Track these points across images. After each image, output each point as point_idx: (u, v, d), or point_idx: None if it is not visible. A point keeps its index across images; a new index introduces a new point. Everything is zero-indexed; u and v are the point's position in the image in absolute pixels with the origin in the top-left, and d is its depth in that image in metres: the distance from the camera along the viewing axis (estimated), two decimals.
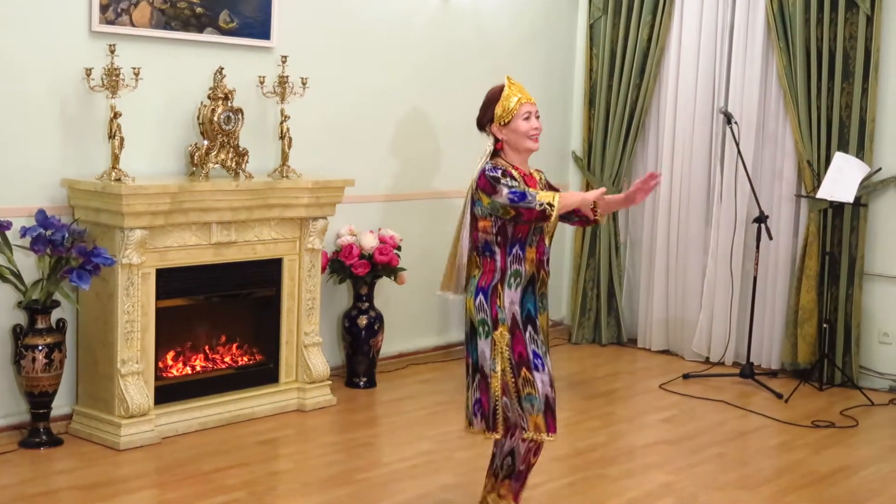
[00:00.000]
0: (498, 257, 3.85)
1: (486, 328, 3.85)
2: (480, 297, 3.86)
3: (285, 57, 5.58)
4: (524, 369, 3.83)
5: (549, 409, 3.87)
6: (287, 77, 5.58)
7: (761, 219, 6.41)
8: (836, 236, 6.51)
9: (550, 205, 3.72)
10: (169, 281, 5.16)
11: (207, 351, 5.52)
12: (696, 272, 7.10)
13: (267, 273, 5.58)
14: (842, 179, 6.22)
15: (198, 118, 5.33)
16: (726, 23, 6.88)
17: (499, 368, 3.84)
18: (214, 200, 5.17)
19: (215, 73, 5.32)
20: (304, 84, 5.65)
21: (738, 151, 6.52)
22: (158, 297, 5.11)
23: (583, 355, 7.17)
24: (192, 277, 5.27)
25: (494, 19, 6.99)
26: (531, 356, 3.84)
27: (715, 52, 6.93)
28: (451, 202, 6.58)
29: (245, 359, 5.64)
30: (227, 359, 5.58)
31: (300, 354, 5.69)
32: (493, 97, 3.93)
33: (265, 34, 5.67)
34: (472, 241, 3.91)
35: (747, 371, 6.49)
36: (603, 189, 4.02)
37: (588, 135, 7.47)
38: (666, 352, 7.27)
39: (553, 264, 7.73)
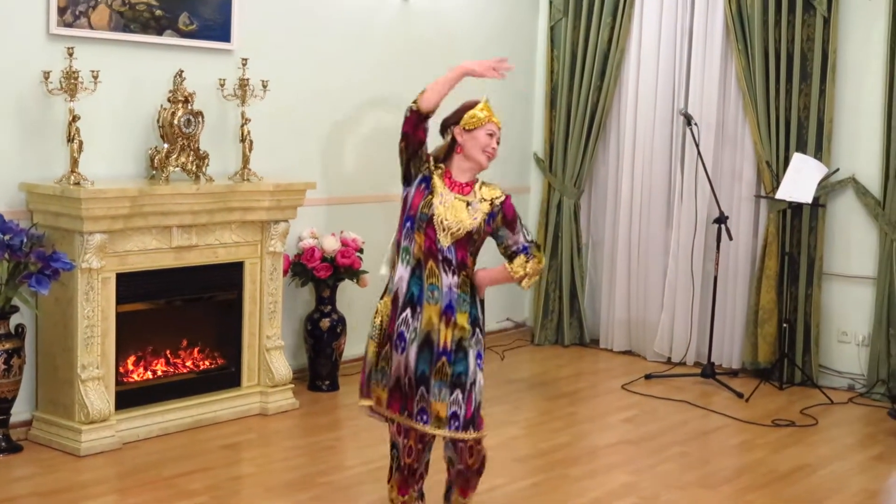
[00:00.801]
0: (401, 231, 4.00)
1: (381, 295, 4.04)
2: (386, 266, 4.08)
3: (245, 59, 5.59)
4: (389, 344, 3.96)
5: (399, 392, 3.95)
6: (247, 79, 5.59)
7: (721, 219, 6.49)
8: (794, 236, 6.60)
9: (415, 101, 3.95)
10: (129, 285, 5.15)
11: (169, 355, 5.51)
12: (657, 273, 7.17)
13: (228, 277, 5.59)
14: (800, 180, 6.31)
15: (158, 121, 5.33)
16: (685, 25, 6.96)
17: (375, 335, 3.99)
18: (175, 204, 5.17)
19: (175, 76, 5.33)
20: (264, 86, 5.67)
21: (698, 153, 6.60)
22: (119, 301, 5.11)
23: (545, 356, 7.22)
24: (152, 281, 5.27)
25: (455, 20, 7.04)
26: (396, 335, 3.93)
27: (674, 54, 7.02)
28: None
29: (207, 363, 5.64)
30: (189, 363, 5.57)
31: (262, 358, 5.70)
32: (468, 105, 4.10)
33: (225, 36, 5.68)
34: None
35: (708, 371, 6.56)
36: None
37: (549, 136, 7.53)
38: (628, 352, 7.34)
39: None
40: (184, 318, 5.60)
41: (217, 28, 5.63)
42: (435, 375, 3.92)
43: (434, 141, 4.05)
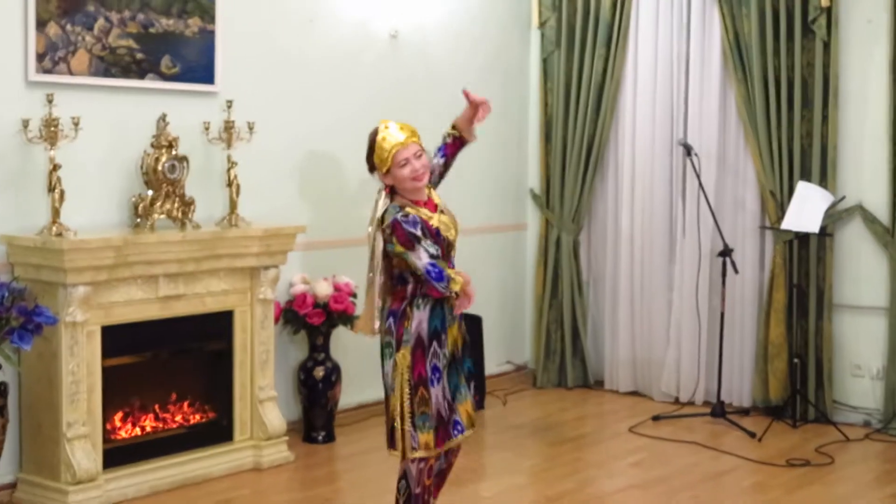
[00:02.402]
0: (410, 284, 4.09)
1: (390, 350, 4.08)
2: (390, 320, 4.11)
3: (230, 101, 5.61)
4: (422, 388, 4.05)
5: (441, 424, 4.09)
6: (233, 122, 5.61)
7: (726, 252, 6.49)
8: (802, 267, 6.60)
9: (455, 292, 4.02)
10: (115, 338, 5.13)
11: (157, 410, 5.49)
12: (661, 309, 7.16)
13: (217, 326, 5.57)
14: (806, 209, 6.32)
15: (141, 167, 5.34)
16: (682, 54, 7.00)
17: (397, 389, 4.06)
18: (160, 252, 5.17)
19: (158, 121, 5.34)
20: (250, 129, 5.68)
21: (700, 184, 6.61)
22: (104, 355, 5.09)
23: (548, 399, 7.20)
24: (139, 334, 5.25)
25: (445, 56, 7.07)
26: (430, 372, 4.05)
27: (672, 84, 7.05)
28: None
29: (197, 417, 5.61)
30: (179, 417, 5.55)
31: (255, 410, 5.67)
32: (370, 147, 4.14)
33: (209, 78, 5.70)
34: (388, 275, 4.13)
35: (718, 410, 6.54)
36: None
37: (546, 171, 7.54)
38: (634, 393, 7.31)
39: (514, 308, 7.85)
40: (172, 370, 5.57)
41: (200, 70, 5.65)
42: (462, 382, 4.19)
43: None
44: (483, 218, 7.44)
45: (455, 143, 4.58)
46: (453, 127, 4.57)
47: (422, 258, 3.99)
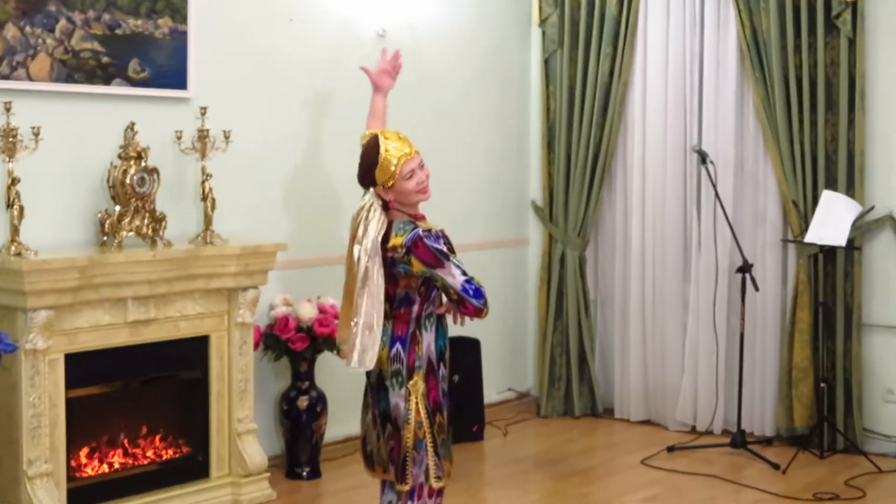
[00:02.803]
0: (416, 306, 4.08)
1: (400, 379, 4.05)
2: (397, 346, 4.06)
3: (204, 108, 5.63)
4: (438, 415, 4.09)
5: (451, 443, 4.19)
6: (207, 131, 5.63)
7: (745, 268, 6.51)
8: (829, 284, 6.62)
9: (486, 313, 4.08)
10: (80, 367, 5.13)
11: (127, 445, 5.49)
12: (675, 331, 7.18)
13: (192, 353, 5.58)
14: (832, 221, 6.33)
15: (108, 181, 5.36)
16: (695, 52, 7.03)
17: (412, 420, 4.04)
18: (129, 273, 5.18)
19: (126, 130, 5.36)
20: (226, 138, 5.70)
21: (716, 194, 6.64)
22: (69, 385, 5.09)
23: (554, 430, 7.20)
24: (106, 362, 5.25)
25: (437, 57, 7.11)
26: (441, 398, 4.12)
27: (684, 86, 7.08)
28: None
29: (170, 452, 5.61)
30: (150, 453, 5.55)
31: (233, 444, 5.68)
32: (371, 161, 4.07)
33: (181, 83, 5.72)
34: (389, 297, 4.07)
35: (739, 440, 6.55)
36: None
37: (548, 182, 7.57)
38: (647, 422, 7.33)
39: (516, 330, 7.85)
40: (142, 401, 5.58)
41: (171, 75, 5.68)
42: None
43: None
44: (480, 233, 7.46)
45: None
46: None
47: (456, 276, 3.99)
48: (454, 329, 6.44)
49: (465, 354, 6.98)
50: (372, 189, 4.09)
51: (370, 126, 4.81)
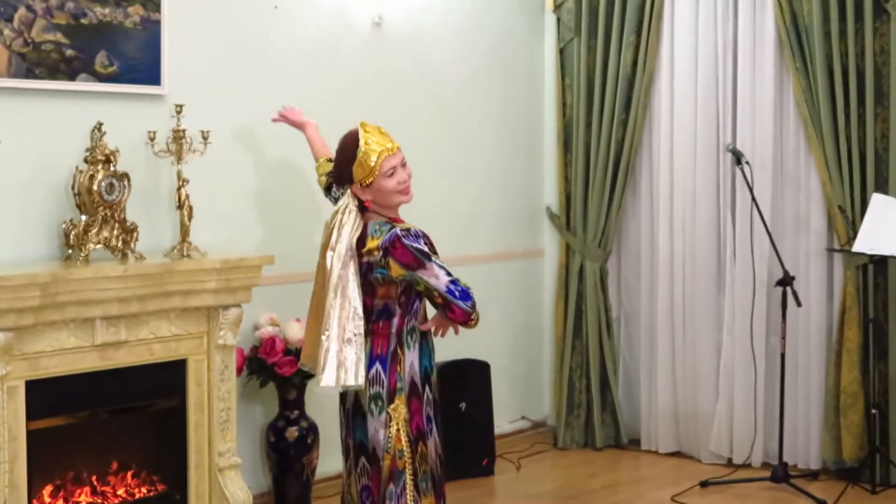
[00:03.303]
0: (396, 319, 4.13)
1: (380, 403, 4.10)
2: (377, 366, 4.11)
3: (180, 106, 5.64)
4: (421, 444, 4.12)
5: (438, 487, 4.19)
6: (183, 131, 5.64)
7: (786, 281, 6.51)
8: (879, 298, 6.62)
9: (475, 320, 4.06)
10: (43, 395, 5.13)
11: (95, 482, 5.49)
12: (708, 352, 7.18)
13: (168, 379, 5.58)
14: (883, 227, 6.32)
15: (73, 188, 5.37)
16: (728, 40, 7.04)
17: (392, 448, 4.09)
18: (97, 290, 5.18)
19: (93, 130, 5.37)
20: (205, 139, 5.71)
21: (753, 198, 6.64)
22: (30, 416, 5.08)
23: (573, 463, 7.22)
24: (72, 389, 5.25)
25: (438, 47, 7.13)
26: (425, 423, 4.13)
27: (716, 77, 7.09)
28: None
29: (143, 490, 5.61)
30: (121, 491, 5.55)
31: (214, 481, 5.68)
32: (349, 155, 4.16)
33: (154, 79, 5.73)
34: (366, 310, 4.13)
35: (780, 474, 6.55)
36: None
37: (565, 185, 7.59)
38: (677, 454, 7.34)
39: (529, 351, 7.85)
40: (113, 433, 5.57)
41: (143, 69, 5.68)
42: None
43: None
44: (488, 243, 7.48)
45: None
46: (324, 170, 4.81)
47: (439, 276, 4.02)
48: (458, 350, 6.47)
49: (474, 379, 6.99)
50: (349, 188, 4.17)
51: (320, 156, 4.99)
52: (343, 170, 4.19)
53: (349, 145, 4.19)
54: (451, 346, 7.00)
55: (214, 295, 5.60)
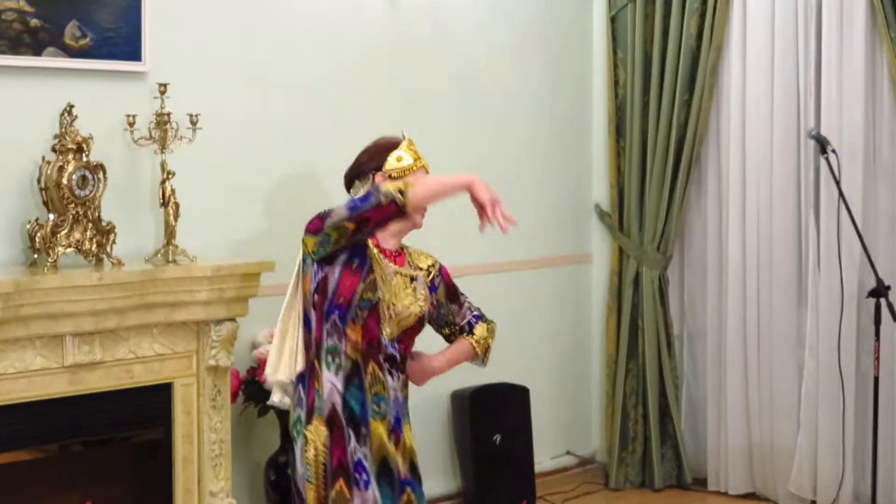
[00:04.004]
0: (314, 324, 4.33)
1: (300, 426, 4.31)
2: (299, 387, 4.38)
3: (164, 86, 5.65)
4: (340, 481, 4.22)
5: None
6: (168, 115, 5.64)
7: (880, 291, 6.49)
8: None
9: (401, 191, 4.12)
10: (4, 424, 5.14)
11: None
12: (788, 375, 7.16)
13: (150, 406, 5.60)
14: None
15: (38, 181, 5.38)
16: (811, 8, 7.00)
17: (314, 477, 4.25)
18: (68, 302, 5.19)
19: (62, 114, 5.38)
20: (193, 124, 5.72)
21: (840, 194, 6.62)
22: None
23: None
24: (38, 418, 5.26)
25: (465, 20, 7.13)
26: (352, 466, 4.23)
27: (797, 51, 7.06)
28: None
29: None
30: None
31: None
32: (386, 144, 4.48)
33: (134, 53, 5.74)
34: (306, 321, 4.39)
35: None
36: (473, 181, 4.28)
37: (617, 179, 7.58)
38: (751, 495, 7.33)
39: (576, 375, 7.84)
40: (86, 470, 5.58)
41: (121, 42, 5.69)
42: None
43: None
44: (527, 248, 7.48)
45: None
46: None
47: (339, 210, 4.22)
48: (493, 373, 6.45)
49: (510, 407, 6.99)
50: (369, 177, 4.45)
51: None
52: (378, 156, 4.46)
53: (390, 140, 4.49)
54: (485, 369, 7.04)
55: (205, 307, 5.61)
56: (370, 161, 4.49)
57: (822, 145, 6.61)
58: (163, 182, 5.67)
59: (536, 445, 7.19)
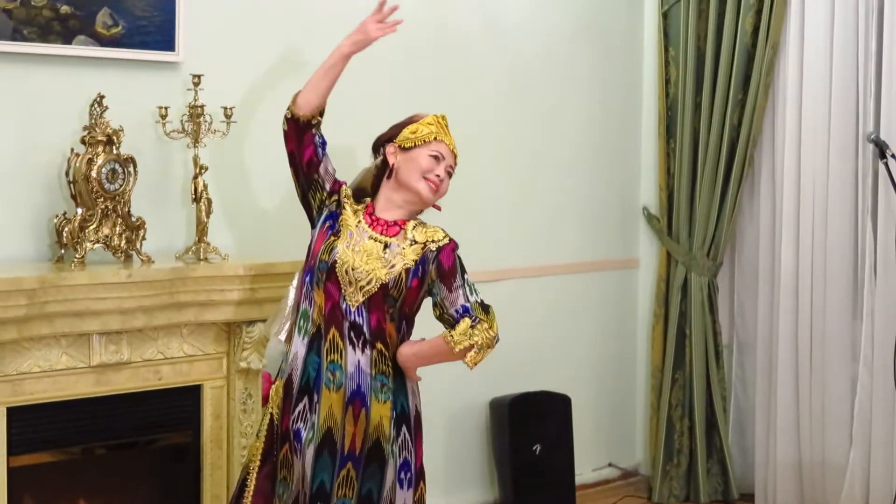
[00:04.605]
0: (295, 288, 4.66)
1: (275, 376, 4.64)
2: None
3: (198, 77, 5.64)
4: (286, 447, 4.46)
5: None
6: (202, 107, 5.64)
7: None
8: None
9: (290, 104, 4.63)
10: (27, 426, 5.15)
11: None
12: (840, 388, 7.12)
13: (178, 408, 5.60)
14: None
15: (67, 174, 5.38)
16: (872, 6, 6.96)
17: (264, 431, 4.55)
18: (95, 300, 5.18)
19: (92, 105, 5.37)
20: (227, 117, 5.71)
21: None
22: (11, 450, 5.10)
23: None
24: (63, 420, 5.26)
25: (513, 15, 7.12)
26: (293, 434, 4.45)
27: (857, 50, 7.01)
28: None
29: None
30: None
31: None
32: (412, 118, 4.67)
33: (167, 43, 5.73)
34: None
35: None
36: None
37: (666, 181, 7.55)
38: None
39: (619, 384, 7.81)
40: (111, 473, 5.59)
41: (154, 31, 5.69)
42: (337, 490, 4.39)
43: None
44: (572, 251, 7.46)
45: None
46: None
47: None
48: (534, 381, 6.43)
49: (551, 416, 6.98)
50: (381, 150, 4.70)
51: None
52: (396, 128, 4.67)
53: (419, 115, 4.67)
54: (525, 377, 7.00)
55: (236, 308, 5.59)
56: (387, 133, 4.71)
57: (881, 149, 6.58)
58: (195, 177, 5.65)
59: (578, 456, 7.16)
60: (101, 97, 5.38)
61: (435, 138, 4.59)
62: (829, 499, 7.15)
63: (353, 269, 4.45)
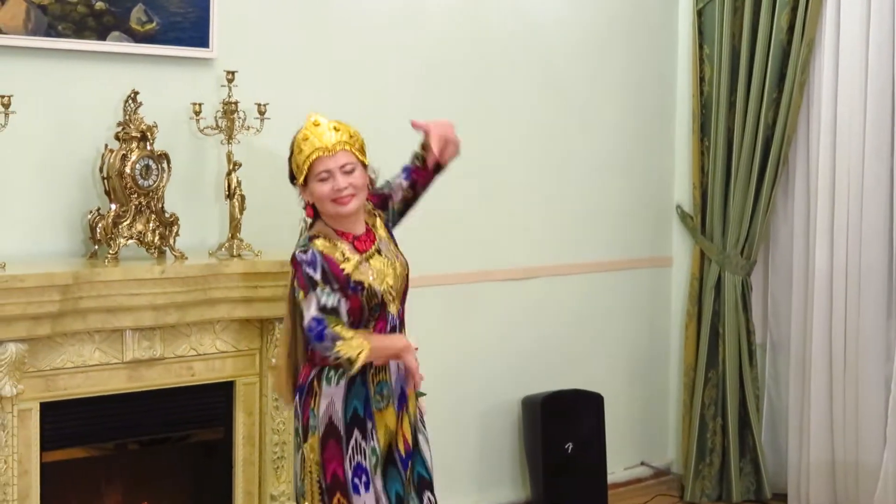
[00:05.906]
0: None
1: (298, 440, 4.43)
2: (297, 398, 4.45)
3: (233, 73, 5.66)
4: (338, 495, 4.31)
5: None
6: (236, 104, 5.65)
7: None
8: None
9: (351, 360, 4.18)
10: (60, 421, 5.17)
11: None
12: (875, 388, 7.08)
13: (211, 405, 5.62)
14: None
15: (101, 170, 5.40)
16: None
17: (308, 494, 4.37)
18: (128, 295, 5.20)
19: (126, 101, 5.39)
20: (261, 114, 5.72)
21: None
22: (45, 445, 5.12)
23: None
24: (95, 415, 5.29)
25: (547, 13, 7.11)
26: (350, 474, 4.31)
27: (893, 48, 6.96)
28: (492, 287, 6.66)
29: None
30: None
31: None
32: (291, 148, 4.49)
33: (201, 39, 5.75)
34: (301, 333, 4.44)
35: None
36: None
37: (700, 179, 7.53)
38: None
39: (652, 383, 7.81)
40: (143, 469, 5.62)
41: (188, 27, 5.70)
42: (408, 487, 4.43)
43: None
44: (605, 249, 7.46)
45: (426, 169, 4.73)
46: (423, 146, 4.73)
47: (310, 309, 4.24)
48: (566, 379, 6.41)
49: (583, 414, 6.97)
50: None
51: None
52: (290, 165, 4.50)
53: (295, 137, 4.50)
54: (557, 375, 6.99)
55: (270, 304, 5.60)
56: (289, 166, 4.53)
57: None
58: (228, 173, 5.67)
59: (610, 455, 7.15)
60: (136, 93, 5.40)
61: (315, 159, 4.37)
62: (862, 499, 7.11)
63: (391, 287, 4.44)
